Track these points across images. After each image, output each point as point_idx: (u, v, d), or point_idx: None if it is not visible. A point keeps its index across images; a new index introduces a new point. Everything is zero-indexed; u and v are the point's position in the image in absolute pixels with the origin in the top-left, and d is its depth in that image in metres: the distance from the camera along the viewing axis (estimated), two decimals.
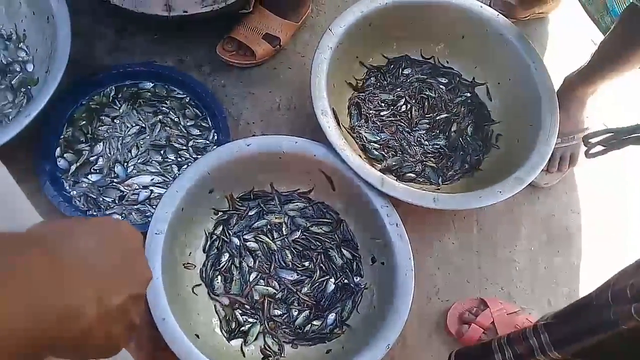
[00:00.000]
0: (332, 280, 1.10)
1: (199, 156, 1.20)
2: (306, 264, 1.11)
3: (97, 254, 0.39)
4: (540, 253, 1.23)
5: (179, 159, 1.20)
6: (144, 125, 1.22)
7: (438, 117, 1.26)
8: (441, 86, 1.29)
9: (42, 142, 1.16)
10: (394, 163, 1.21)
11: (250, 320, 1.07)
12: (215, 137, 1.23)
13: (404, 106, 1.27)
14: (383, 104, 1.27)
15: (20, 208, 0.54)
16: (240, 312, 1.07)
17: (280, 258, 1.11)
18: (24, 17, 1.25)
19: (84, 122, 1.21)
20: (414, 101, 1.27)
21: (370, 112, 1.26)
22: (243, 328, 1.06)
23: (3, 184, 0.52)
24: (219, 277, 1.09)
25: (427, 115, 1.26)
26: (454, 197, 1.08)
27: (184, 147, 1.21)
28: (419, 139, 1.24)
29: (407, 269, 1.01)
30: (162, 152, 1.20)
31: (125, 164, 1.19)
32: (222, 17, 1.20)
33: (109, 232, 0.42)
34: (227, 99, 1.29)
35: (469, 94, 1.29)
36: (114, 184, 1.17)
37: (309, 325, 1.07)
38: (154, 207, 1.15)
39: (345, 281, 1.10)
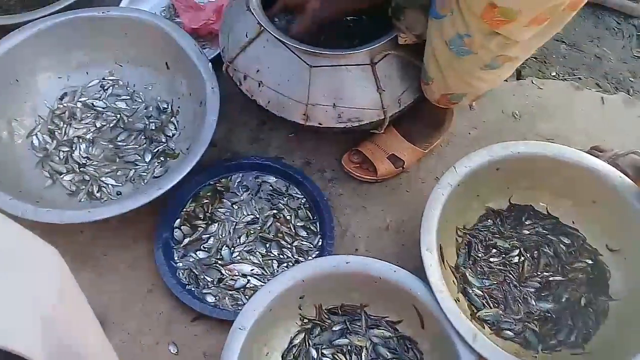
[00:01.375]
0: None
1: (300, 258, 1.23)
2: None
3: None
4: None
5: (281, 256, 1.24)
6: (257, 216, 1.28)
7: (551, 279, 1.18)
8: (562, 246, 1.22)
9: (167, 211, 1.26)
10: (493, 315, 1.15)
11: None
12: (320, 243, 1.25)
13: (517, 258, 1.21)
14: (495, 250, 1.22)
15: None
16: None
17: None
18: (181, 95, 1.39)
19: (206, 201, 1.30)
20: (528, 255, 1.21)
21: (480, 254, 1.21)
22: None
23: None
24: None
25: (539, 274, 1.19)
26: None
27: (289, 246, 1.25)
28: (525, 296, 1.17)
29: None
30: (267, 245, 1.25)
31: (232, 248, 1.24)
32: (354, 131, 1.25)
33: None
34: (340, 208, 1.32)
35: (590, 262, 1.20)
36: (217, 265, 1.22)
37: None
38: (246, 296, 1.19)
39: None
